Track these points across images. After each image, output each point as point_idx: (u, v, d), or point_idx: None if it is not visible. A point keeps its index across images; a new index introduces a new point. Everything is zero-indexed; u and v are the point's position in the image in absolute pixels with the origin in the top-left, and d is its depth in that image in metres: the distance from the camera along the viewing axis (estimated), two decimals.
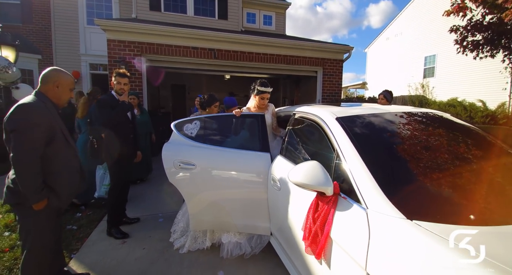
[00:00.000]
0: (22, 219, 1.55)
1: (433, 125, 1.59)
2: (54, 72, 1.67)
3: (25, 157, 1.43)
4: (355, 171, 1.18)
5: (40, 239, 1.55)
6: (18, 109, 1.47)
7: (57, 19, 8.04)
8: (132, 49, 5.08)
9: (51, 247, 1.64)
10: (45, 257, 1.59)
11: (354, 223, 1.06)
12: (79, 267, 2.04)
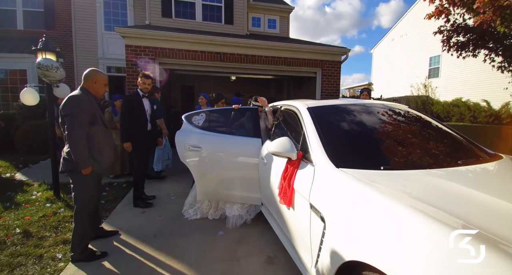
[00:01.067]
0: (74, 182, 2.11)
1: (376, 111, 2.09)
2: (92, 72, 2.21)
3: (76, 133, 1.98)
4: (311, 143, 1.69)
5: (87, 195, 2.10)
6: (70, 99, 2.02)
7: (77, 25, 8.80)
8: (147, 53, 5.69)
9: (93, 202, 2.21)
10: (88, 208, 2.14)
11: (306, 175, 1.57)
12: (109, 228, 2.61)
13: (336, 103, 2.23)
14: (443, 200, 1.05)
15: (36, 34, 8.67)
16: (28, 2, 8.69)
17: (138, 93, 3.19)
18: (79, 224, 2.07)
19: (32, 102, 3.48)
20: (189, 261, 2.08)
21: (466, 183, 1.28)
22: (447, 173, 1.38)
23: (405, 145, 1.70)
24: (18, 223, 2.63)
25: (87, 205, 2.12)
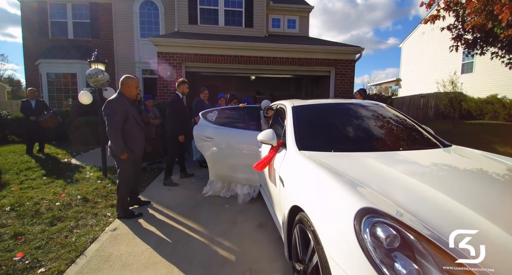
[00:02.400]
0: (117, 164, 2.87)
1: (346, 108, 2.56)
2: (125, 78, 2.91)
3: (113, 130, 2.70)
4: (288, 133, 2.24)
5: (125, 174, 2.84)
6: (107, 103, 2.75)
7: (117, 33, 10.04)
8: (175, 58, 6.54)
9: (131, 179, 2.94)
10: (128, 183, 2.88)
11: (281, 156, 2.13)
12: (144, 198, 3.39)
13: (317, 102, 2.74)
14: (358, 171, 1.54)
15: (84, 42, 10.10)
16: (77, 15, 10.11)
17: (178, 96, 3.96)
18: (121, 192, 2.83)
19: (88, 102, 4.42)
20: (200, 222, 2.76)
21: (388, 162, 1.74)
22: (380, 156, 1.84)
23: (358, 134, 2.19)
24: (78, 192, 3.53)
25: (126, 180, 2.86)
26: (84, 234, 2.50)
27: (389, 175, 1.44)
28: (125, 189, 2.87)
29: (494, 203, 1.23)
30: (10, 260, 2.07)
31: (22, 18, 9.90)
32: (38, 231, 2.52)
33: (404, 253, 0.91)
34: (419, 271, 0.86)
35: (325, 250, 1.15)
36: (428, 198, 1.19)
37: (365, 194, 1.19)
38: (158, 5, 9.85)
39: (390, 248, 0.92)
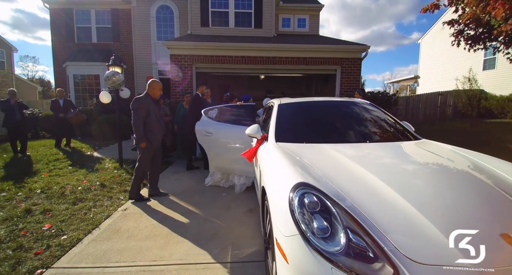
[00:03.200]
0: (139, 152, 3.31)
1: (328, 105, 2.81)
2: (152, 82, 3.33)
3: (136, 122, 3.15)
4: (270, 127, 2.54)
5: (143, 160, 3.25)
6: (135, 100, 3.19)
7: (135, 37, 10.73)
8: (186, 60, 7.00)
9: (147, 166, 3.32)
10: (144, 168, 3.29)
11: (263, 147, 2.43)
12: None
13: (302, 100, 3.00)
14: (314, 158, 1.81)
15: (106, 45, 10.88)
16: (100, 20, 10.91)
17: (198, 95, 4.62)
18: (136, 176, 3.26)
19: (107, 101, 4.96)
20: (199, 207, 3.13)
21: (346, 151, 1.97)
22: (343, 146, 2.09)
23: (332, 128, 2.45)
24: (97, 179, 4.05)
25: (143, 165, 3.28)
26: (100, 212, 2.96)
27: (339, 161, 1.71)
28: (141, 174, 3.30)
29: (423, 189, 1.42)
30: (40, 229, 2.55)
31: (51, 24, 10.85)
32: (63, 209, 3.02)
33: (323, 216, 1.19)
34: (328, 227, 1.14)
35: (271, 217, 1.45)
36: (362, 179, 1.44)
37: (306, 173, 1.48)
38: (173, 9, 10.41)
39: (311, 211, 1.21)
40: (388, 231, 1.08)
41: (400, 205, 1.21)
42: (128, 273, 1.93)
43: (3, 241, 2.33)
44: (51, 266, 2.00)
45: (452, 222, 1.12)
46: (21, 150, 6.10)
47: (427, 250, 1.01)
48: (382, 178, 1.42)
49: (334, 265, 1.01)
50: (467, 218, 1.16)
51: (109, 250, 2.22)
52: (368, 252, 1.02)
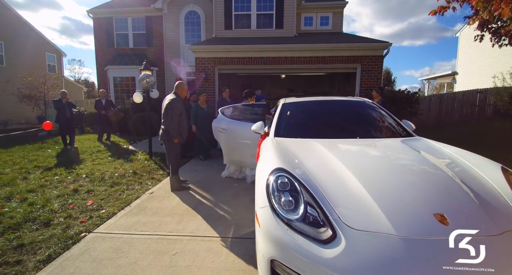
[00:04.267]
0: (168, 147, 3.80)
1: (328, 104, 3.03)
2: (179, 84, 3.80)
3: (173, 119, 3.63)
4: (272, 124, 2.86)
5: (174, 153, 3.72)
6: (172, 100, 3.65)
7: (166, 41, 11.61)
8: (210, 62, 7.54)
9: (178, 157, 3.83)
10: (176, 159, 3.79)
11: (265, 142, 2.77)
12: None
13: (305, 99, 3.25)
14: (300, 150, 2.09)
15: (141, 50, 11.93)
16: (135, 27, 11.97)
17: (224, 98, 5.13)
18: (173, 170, 3.70)
19: (139, 101, 5.65)
20: (212, 194, 3.57)
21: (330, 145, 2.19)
22: (331, 141, 2.33)
23: (325, 125, 2.69)
24: (131, 168, 4.70)
25: (176, 159, 3.80)
26: (131, 194, 3.54)
27: (318, 152, 1.98)
28: (176, 167, 3.73)
29: (379, 175, 1.62)
30: (84, 204, 3.17)
31: (94, 31, 12.18)
32: (102, 190, 3.66)
33: (291, 193, 1.50)
34: (292, 201, 1.45)
35: (255, 195, 1.79)
36: (331, 166, 1.71)
37: (285, 161, 1.79)
38: (200, 13, 11.08)
39: (282, 189, 1.52)
40: (337, 205, 1.36)
41: (354, 187, 1.47)
42: (149, 239, 2.41)
43: (57, 211, 2.98)
44: (92, 231, 2.56)
45: (393, 201, 1.36)
46: (70, 142, 7.12)
47: (362, 220, 1.27)
48: (348, 166, 1.68)
49: (290, 228, 1.32)
50: (407, 198, 1.38)
51: (137, 223, 2.74)
52: (318, 220, 1.32)
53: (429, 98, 14.36)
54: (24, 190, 3.58)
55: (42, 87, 10.82)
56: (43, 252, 2.18)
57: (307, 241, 1.24)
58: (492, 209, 1.30)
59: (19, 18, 15.04)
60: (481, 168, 1.67)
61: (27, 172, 4.52)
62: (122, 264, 2.03)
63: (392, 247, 1.12)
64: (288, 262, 1.27)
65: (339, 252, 1.15)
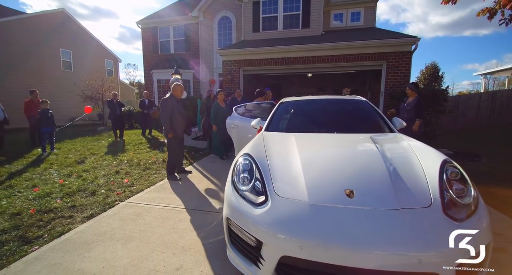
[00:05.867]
0: (167, 141, 4.54)
1: (321, 102, 3.32)
2: (175, 86, 4.42)
3: (164, 117, 4.28)
4: (267, 120, 3.29)
5: (172, 148, 4.41)
6: (162, 100, 4.35)
7: (202, 47, 12.64)
8: (235, 64, 8.17)
9: (176, 152, 4.49)
10: (175, 155, 4.47)
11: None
12: (195, 169, 5.05)
13: (299, 98, 3.58)
14: (275, 141, 2.50)
15: (180, 55, 13.19)
16: (176, 34, 13.26)
17: (235, 98, 5.78)
18: (169, 159, 4.39)
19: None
20: (221, 180, 4.14)
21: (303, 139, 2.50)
22: (308, 135, 2.66)
23: (309, 121, 3.02)
24: (162, 157, 5.55)
25: (173, 152, 4.43)
26: (157, 177, 4.31)
27: (287, 143, 2.37)
28: (172, 159, 4.39)
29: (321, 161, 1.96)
30: (121, 182, 4.02)
31: (142, 40, 13.85)
32: (137, 173, 4.52)
33: (249, 172, 1.95)
34: (247, 177, 1.90)
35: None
36: (288, 154, 2.10)
37: (255, 149, 2.23)
38: (231, 18, 11.83)
39: (243, 169, 1.98)
40: (276, 181, 1.77)
41: (295, 168, 1.85)
42: (162, 209, 3.06)
43: (101, 186, 3.87)
44: (124, 201, 3.33)
45: (318, 179, 1.71)
46: (120, 136, 8.46)
47: (289, 191, 1.65)
48: (301, 154, 2.05)
49: (239, 196, 1.78)
50: (331, 177, 1.71)
51: (156, 197, 3.44)
52: (260, 191, 1.75)
53: (479, 96, 12.94)
54: (80, 170, 4.64)
55: (101, 89, 12.81)
56: (87, 212, 2.99)
57: (248, 204, 1.69)
58: (404, 190, 1.56)
59: (83, 30, 17.78)
60: (424, 158, 1.88)
61: (84, 157, 5.70)
62: (139, 223, 2.71)
63: (301, 209, 1.50)
64: (235, 218, 1.73)
65: (264, 211, 1.57)
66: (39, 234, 2.49)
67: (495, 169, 4.75)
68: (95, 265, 2.02)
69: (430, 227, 1.34)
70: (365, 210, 1.44)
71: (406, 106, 5.00)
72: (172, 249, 2.22)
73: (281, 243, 1.42)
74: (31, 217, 2.81)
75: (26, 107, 7.15)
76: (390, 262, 1.26)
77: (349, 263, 1.29)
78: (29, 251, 2.22)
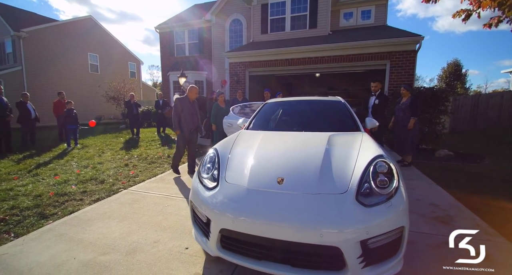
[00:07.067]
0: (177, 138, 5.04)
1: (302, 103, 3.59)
2: (190, 88, 4.98)
3: (173, 115, 4.77)
4: (248, 120, 3.64)
5: (178, 144, 4.90)
6: (175, 99, 4.89)
7: (214, 49, 13.18)
8: (241, 66, 8.56)
9: (181, 148, 4.97)
10: (180, 151, 4.94)
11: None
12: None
13: (282, 99, 3.89)
14: (245, 138, 2.83)
15: (194, 57, 13.84)
16: (190, 38, 13.92)
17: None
18: (175, 154, 4.91)
19: None
20: None
21: (270, 136, 2.82)
22: (277, 133, 2.94)
23: (283, 120, 3.31)
24: (168, 153, 6.09)
25: (178, 148, 4.92)
26: (160, 170, 4.83)
27: (254, 139, 2.70)
28: (177, 154, 4.88)
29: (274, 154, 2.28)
30: (128, 173, 4.58)
31: (160, 43, 14.70)
32: (143, 165, 5.07)
33: (213, 165, 2.32)
34: (210, 168, 2.27)
35: None
36: (249, 148, 2.43)
37: (223, 144, 2.60)
38: (242, 21, 12.23)
39: (208, 160, 2.36)
40: (229, 170, 2.12)
41: (248, 161, 2.18)
42: (156, 197, 3.53)
43: (110, 176, 4.44)
44: (126, 189, 3.86)
45: (261, 169, 2.03)
46: (136, 133, 9.21)
47: (236, 178, 1.98)
48: (260, 148, 2.38)
49: (199, 182, 2.16)
50: (271, 167, 2.02)
51: (155, 187, 3.93)
52: (215, 178, 2.11)
53: (501, 95, 12.26)
54: (96, 162, 5.30)
55: (122, 90, 13.83)
56: (95, 196, 3.54)
57: (203, 188, 2.06)
58: (328, 179, 1.83)
59: (109, 34, 19.15)
60: (363, 154, 2.11)
61: (102, 152, 6.41)
62: (134, 207, 3.19)
63: (239, 192, 1.84)
64: (195, 201, 2.10)
65: (213, 193, 1.94)
66: (54, 212, 3.06)
67: (491, 171, 4.71)
68: (92, 236, 2.50)
69: (336, 209, 1.62)
70: (289, 194, 1.75)
71: (401, 106, 5.12)
72: (155, 228, 2.66)
73: (220, 218, 1.77)
74: (49, 198, 3.40)
75: (55, 107, 8.09)
76: (299, 234, 1.57)
77: (269, 235, 1.61)
78: (44, 224, 2.77)
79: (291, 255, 1.64)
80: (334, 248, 1.52)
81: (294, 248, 1.60)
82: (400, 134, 5.11)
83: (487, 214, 2.88)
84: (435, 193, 3.56)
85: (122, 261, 2.10)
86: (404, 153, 5.12)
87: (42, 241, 2.43)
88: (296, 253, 1.63)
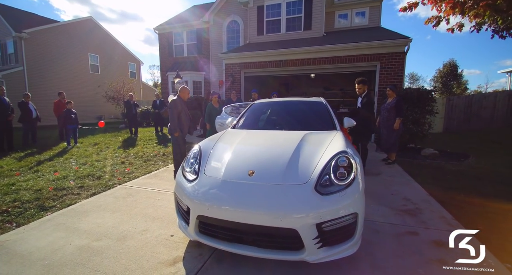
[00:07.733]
0: (173, 139, 5.26)
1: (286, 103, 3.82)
2: (181, 88, 5.20)
3: (172, 117, 5.04)
4: (236, 120, 3.87)
5: (177, 145, 5.10)
6: (170, 102, 5.12)
7: (212, 49, 13.41)
8: (236, 67, 8.79)
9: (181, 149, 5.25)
10: (183, 152, 5.23)
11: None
12: None
13: (267, 100, 4.12)
14: (228, 136, 3.06)
15: (193, 58, 14.08)
16: (189, 39, 14.16)
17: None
18: (175, 157, 5.17)
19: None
20: None
21: (252, 134, 3.06)
22: (258, 132, 3.17)
23: (266, 120, 3.54)
24: (163, 151, 6.33)
25: (178, 149, 5.18)
26: (154, 167, 5.07)
27: (237, 137, 2.93)
28: (180, 156, 5.14)
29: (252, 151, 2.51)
30: (124, 170, 4.82)
31: (159, 44, 14.95)
32: (138, 163, 5.31)
33: (195, 159, 2.55)
34: (193, 162, 2.50)
35: None
36: (230, 145, 2.67)
37: (208, 142, 2.83)
38: (239, 22, 12.46)
39: (192, 156, 2.59)
40: (209, 164, 2.35)
41: (227, 156, 2.41)
42: (149, 191, 3.77)
43: (107, 172, 4.69)
44: (121, 184, 4.10)
45: (236, 163, 2.25)
46: (134, 132, 9.47)
47: (214, 172, 2.21)
48: (239, 145, 2.61)
49: (182, 175, 2.39)
50: (245, 162, 2.24)
51: (148, 183, 4.17)
52: (196, 171, 2.34)
53: (494, 95, 12.43)
54: (94, 160, 5.55)
55: (122, 90, 14.10)
56: (91, 191, 3.78)
57: (185, 180, 2.29)
58: (293, 171, 2.04)
59: (109, 35, 19.42)
60: (330, 150, 2.32)
61: (100, 150, 6.66)
62: (128, 200, 3.43)
63: (215, 183, 2.07)
64: (177, 192, 2.33)
65: (192, 185, 2.17)
66: (53, 204, 3.30)
67: (471, 169, 4.92)
68: (87, 225, 2.74)
69: (295, 197, 1.85)
70: (257, 184, 1.98)
71: (387, 106, 5.35)
72: (145, 218, 2.90)
73: (198, 206, 2.00)
74: (49, 192, 3.65)
75: (56, 107, 8.35)
76: (263, 218, 1.79)
77: (238, 220, 1.84)
78: (44, 215, 3.02)
79: (258, 237, 1.87)
80: (292, 230, 1.75)
81: (260, 230, 1.83)
82: (385, 133, 5.33)
83: (454, 208, 3.10)
84: (411, 189, 3.78)
85: (112, 246, 2.33)
86: (389, 151, 5.34)
87: (41, 229, 2.67)
88: (261, 235, 1.86)
